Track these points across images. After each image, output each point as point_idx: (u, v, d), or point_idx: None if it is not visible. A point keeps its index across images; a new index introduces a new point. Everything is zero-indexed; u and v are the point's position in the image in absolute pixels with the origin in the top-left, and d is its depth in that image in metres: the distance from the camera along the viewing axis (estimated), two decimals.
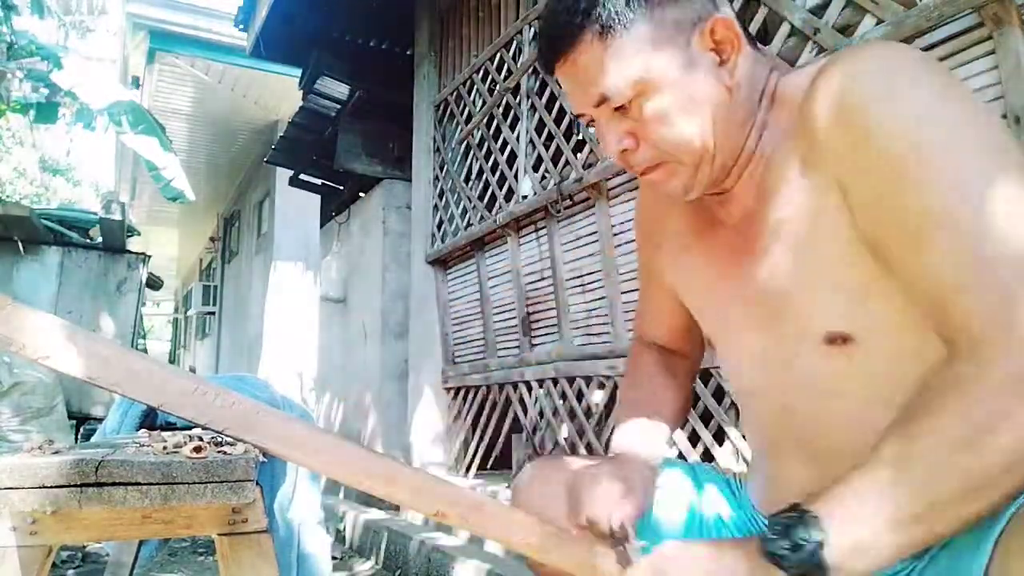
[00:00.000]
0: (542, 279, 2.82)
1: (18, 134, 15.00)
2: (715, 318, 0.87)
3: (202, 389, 0.68)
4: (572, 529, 0.77)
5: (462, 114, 3.52)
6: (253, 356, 8.27)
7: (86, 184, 19.74)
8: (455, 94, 3.59)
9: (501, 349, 3.13)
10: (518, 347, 2.98)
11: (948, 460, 0.54)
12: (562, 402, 2.70)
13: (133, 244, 4.63)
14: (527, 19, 2.99)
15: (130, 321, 4.26)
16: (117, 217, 4.26)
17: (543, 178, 2.84)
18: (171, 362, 14.59)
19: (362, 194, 4.67)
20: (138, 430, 1.82)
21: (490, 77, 3.28)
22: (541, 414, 2.83)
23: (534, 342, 2.89)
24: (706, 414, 2.09)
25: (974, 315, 0.56)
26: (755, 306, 0.77)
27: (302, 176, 5.31)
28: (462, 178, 3.45)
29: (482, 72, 3.36)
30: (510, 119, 3.08)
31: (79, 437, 3.88)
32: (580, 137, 2.63)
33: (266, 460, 0.83)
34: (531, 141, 2.90)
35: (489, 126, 3.24)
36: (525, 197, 2.87)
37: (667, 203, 0.92)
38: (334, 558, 2.75)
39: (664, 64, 0.70)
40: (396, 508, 3.41)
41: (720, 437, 2.05)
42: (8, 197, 13.40)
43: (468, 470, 3.28)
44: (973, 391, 0.55)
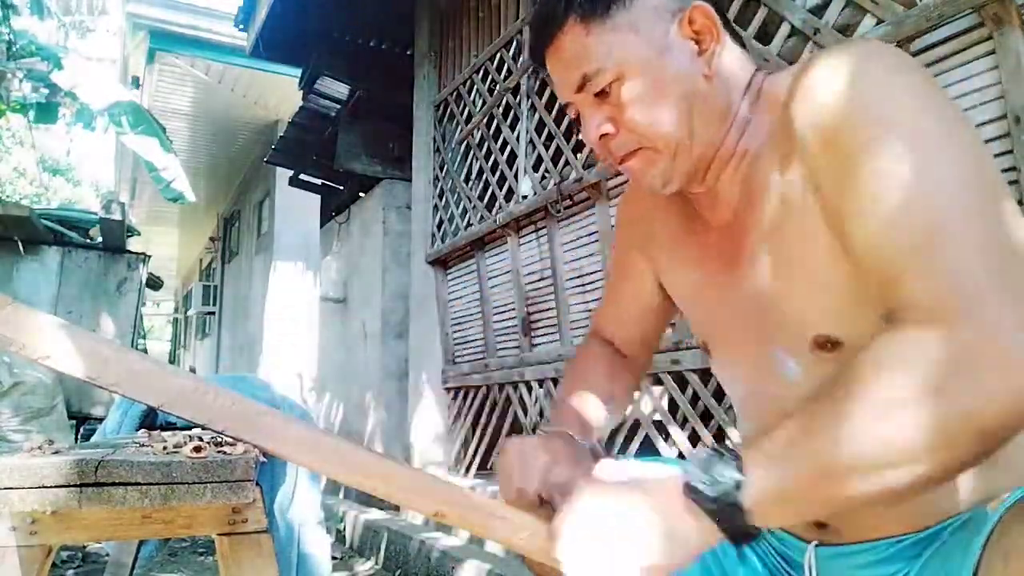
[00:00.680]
0: (542, 279, 2.82)
1: (18, 134, 15.00)
2: (707, 323, 0.87)
3: (202, 389, 0.67)
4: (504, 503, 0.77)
5: (462, 114, 3.52)
6: (253, 356, 8.27)
7: (86, 184, 19.76)
8: (455, 94, 3.59)
9: (501, 349, 3.13)
10: (518, 347, 2.98)
11: (872, 426, 0.53)
12: None
13: (133, 244, 4.63)
14: (527, 19, 2.99)
15: (130, 321, 4.26)
16: (117, 217, 4.26)
17: (543, 178, 2.84)
18: (171, 362, 14.59)
19: (362, 194, 4.67)
20: (138, 430, 1.82)
21: (490, 77, 3.28)
22: (541, 414, 2.82)
23: (534, 342, 2.89)
24: (706, 414, 2.08)
25: (918, 292, 0.56)
26: (744, 311, 0.77)
27: (302, 176, 5.32)
28: (462, 178, 3.45)
29: (482, 72, 3.35)
30: (510, 119, 3.08)
31: (79, 437, 3.88)
32: (580, 137, 2.63)
33: (266, 460, 0.84)
34: (531, 141, 2.90)
35: (489, 126, 3.24)
36: (525, 197, 2.87)
37: (653, 204, 0.91)
38: (334, 558, 2.75)
39: (642, 49, 0.73)
40: (396, 508, 3.41)
41: (720, 437, 2.05)
42: (8, 197, 13.41)
43: (468, 470, 3.28)
44: (909, 362, 0.53)
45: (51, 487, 0.76)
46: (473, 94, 3.45)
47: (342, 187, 5.02)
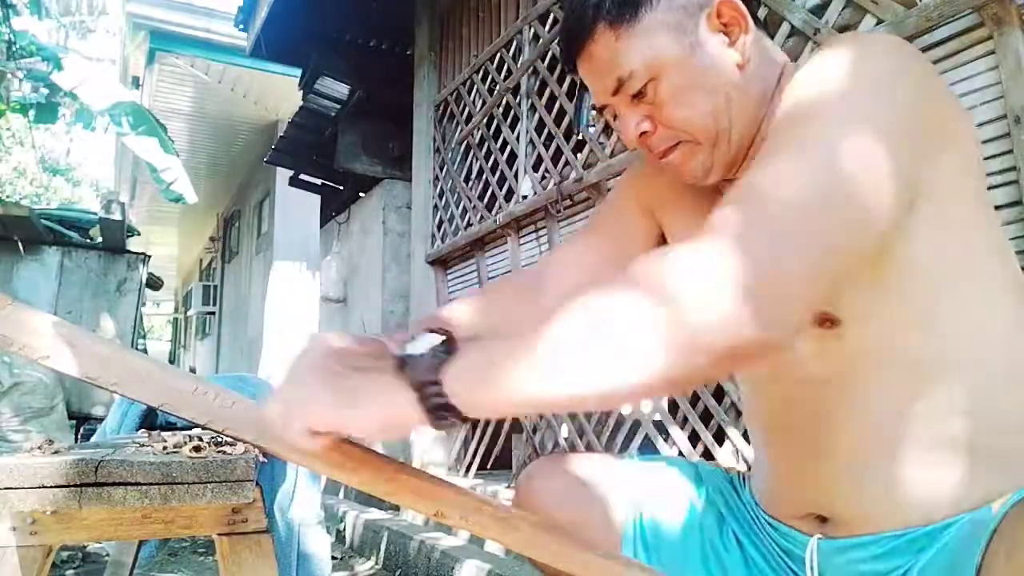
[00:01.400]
0: None
1: (18, 134, 15.00)
2: None
3: (202, 389, 0.67)
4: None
5: (462, 114, 3.52)
6: (253, 356, 8.27)
7: (86, 184, 19.75)
8: (455, 94, 3.59)
9: None
10: None
11: (590, 317, 0.52)
12: None
13: (133, 244, 4.62)
14: (527, 19, 2.99)
15: (130, 321, 4.26)
16: (117, 217, 4.26)
17: (543, 178, 2.84)
18: (171, 362, 14.59)
19: (362, 194, 4.67)
20: (138, 430, 1.82)
21: (490, 77, 3.28)
22: (541, 414, 2.82)
23: None
24: (706, 414, 2.08)
25: (713, 221, 0.55)
26: None
27: (302, 176, 5.32)
28: (462, 178, 3.45)
29: (482, 72, 3.35)
30: (510, 119, 3.08)
31: (79, 437, 3.88)
32: (580, 137, 2.63)
33: (266, 460, 0.84)
34: (531, 141, 2.90)
35: (489, 126, 3.24)
36: (525, 197, 2.86)
37: (679, 188, 0.88)
38: (334, 558, 2.75)
39: (673, 47, 0.74)
40: (396, 508, 3.41)
41: (720, 437, 2.04)
42: (8, 197, 13.41)
43: (468, 470, 3.28)
44: (657, 273, 0.53)
45: (51, 487, 0.76)
46: (473, 94, 3.45)
47: (342, 187, 5.02)
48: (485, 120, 3.27)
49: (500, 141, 3.12)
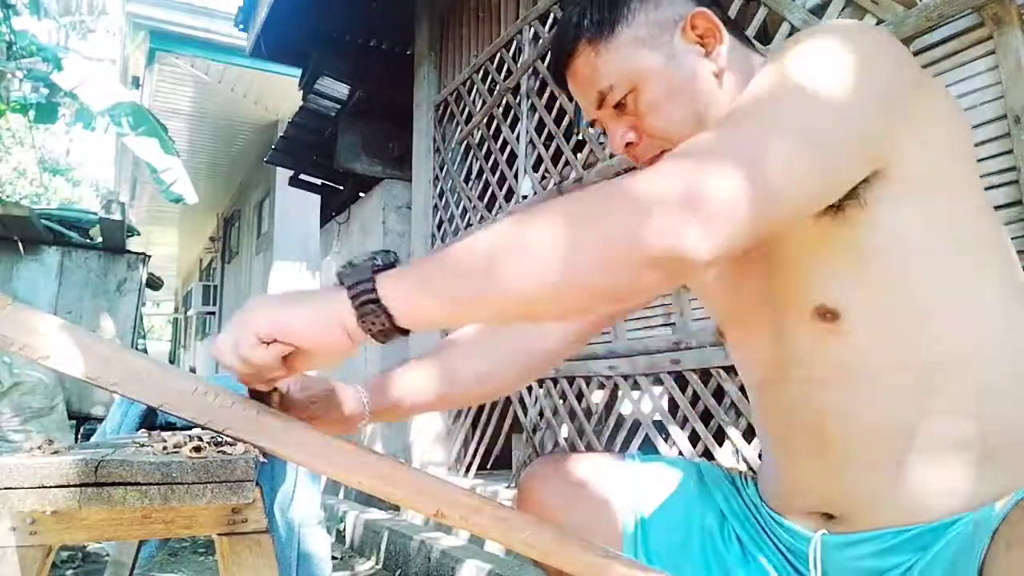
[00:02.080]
0: None
1: (18, 134, 15.00)
2: (719, 305, 0.89)
3: (202, 389, 0.68)
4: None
5: (462, 114, 3.52)
6: None
7: (86, 184, 19.77)
8: (455, 94, 3.59)
9: None
10: None
11: (535, 223, 0.58)
12: (562, 402, 2.69)
13: (133, 244, 4.62)
14: (527, 19, 2.99)
15: (130, 321, 4.26)
16: (117, 217, 4.26)
17: (543, 178, 2.84)
18: (171, 362, 14.59)
19: (362, 194, 4.67)
20: (138, 430, 1.82)
21: (490, 77, 3.28)
22: (541, 414, 2.82)
23: None
24: (706, 414, 2.08)
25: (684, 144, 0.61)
26: (753, 288, 0.79)
27: (302, 176, 5.31)
28: (462, 178, 3.45)
29: (482, 72, 3.35)
30: (510, 119, 3.08)
31: (79, 437, 3.87)
32: (580, 137, 2.63)
33: (266, 460, 0.83)
34: (531, 141, 2.90)
35: (489, 126, 3.24)
36: (525, 197, 2.86)
37: None
38: (334, 558, 2.76)
39: (650, 60, 0.78)
40: (396, 508, 3.41)
41: (720, 437, 2.04)
42: (8, 197, 13.40)
43: (468, 470, 3.28)
44: (628, 184, 0.58)
45: (51, 487, 0.75)
46: (473, 94, 3.45)
47: (342, 187, 5.02)
48: (485, 120, 3.27)
49: (500, 141, 3.13)
